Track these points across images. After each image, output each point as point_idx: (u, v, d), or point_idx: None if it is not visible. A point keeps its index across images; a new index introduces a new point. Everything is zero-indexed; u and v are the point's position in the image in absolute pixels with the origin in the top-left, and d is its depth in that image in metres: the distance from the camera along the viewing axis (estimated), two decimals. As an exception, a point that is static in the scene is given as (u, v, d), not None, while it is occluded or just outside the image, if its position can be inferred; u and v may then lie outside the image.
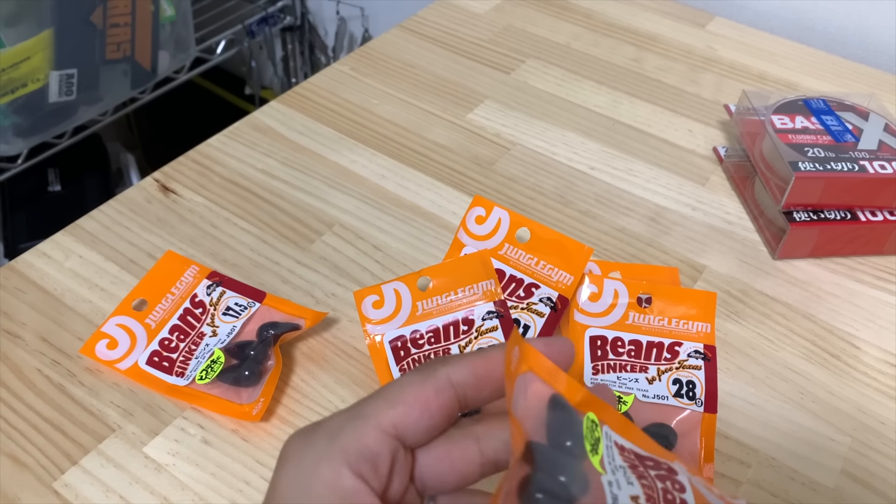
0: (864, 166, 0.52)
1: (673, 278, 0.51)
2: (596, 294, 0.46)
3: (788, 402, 0.45)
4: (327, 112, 0.65)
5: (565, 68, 0.70)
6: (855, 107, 0.57)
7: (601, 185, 0.59)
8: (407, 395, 0.26)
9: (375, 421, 0.25)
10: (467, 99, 0.66)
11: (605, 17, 0.77)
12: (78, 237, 0.53)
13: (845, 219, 0.52)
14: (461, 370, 0.26)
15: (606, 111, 0.66)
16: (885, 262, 0.54)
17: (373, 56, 0.71)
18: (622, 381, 0.43)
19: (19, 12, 0.80)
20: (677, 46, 0.73)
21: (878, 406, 0.45)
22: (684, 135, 0.64)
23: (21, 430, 0.42)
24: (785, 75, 0.70)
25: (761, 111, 0.57)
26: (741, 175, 0.59)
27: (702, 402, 0.42)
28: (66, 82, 0.88)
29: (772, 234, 0.54)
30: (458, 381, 0.26)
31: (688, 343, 0.44)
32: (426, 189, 0.58)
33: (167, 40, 0.97)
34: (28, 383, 0.45)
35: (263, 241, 0.53)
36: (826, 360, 0.47)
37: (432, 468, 0.27)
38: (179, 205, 0.56)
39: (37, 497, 0.40)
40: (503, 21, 0.76)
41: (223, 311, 0.47)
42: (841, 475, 0.42)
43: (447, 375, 0.26)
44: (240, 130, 0.62)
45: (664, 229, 0.55)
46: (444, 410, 0.26)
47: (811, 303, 0.51)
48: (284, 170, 0.59)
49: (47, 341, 0.47)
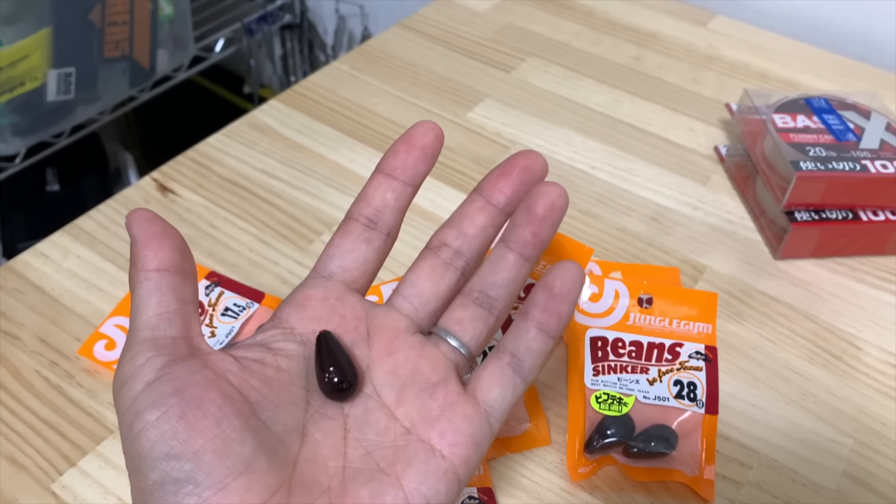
0: (866, 166, 0.52)
1: (674, 279, 0.50)
2: (597, 294, 0.46)
3: (790, 403, 0.45)
4: (327, 111, 0.64)
5: (566, 67, 0.70)
6: (857, 106, 0.57)
7: (602, 185, 0.58)
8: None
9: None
10: (467, 98, 0.66)
11: (606, 16, 0.77)
12: (76, 237, 0.53)
13: (847, 219, 0.52)
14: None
15: (607, 110, 0.65)
16: (886, 262, 0.54)
17: (372, 54, 0.71)
18: (623, 382, 0.43)
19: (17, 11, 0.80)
20: (678, 45, 0.73)
21: (880, 407, 0.45)
22: (685, 134, 0.64)
23: (19, 432, 0.42)
24: (786, 74, 0.70)
25: (763, 110, 0.57)
26: (742, 174, 0.58)
27: (703, 404, 0.42)
28: (64, 81, 0.87)
29: (773, 234, 0.54)
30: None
31: (689, 344, 0.44)
32: (426, 189, 0.57)
33: (166, 39, 0.97)
34: (26, 384, 0.44)
35: (262, 241, 0.53)
36: (828, 360, 0.47)
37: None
38: (178, 204, 0.56)
39: (35, 499, 0.39)
40: (503, 19, 0.76)
41: (222, 312, 0.47)
42: (842, 477, 0.42)
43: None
44: (238, 129, 0.62)
45: (665, 229, 0.55)
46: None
47: (813, 303, 0.50)
48: (283, 169, 0.59)
49: (45, 342, 0.46)
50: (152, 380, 0.25)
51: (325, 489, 0.26)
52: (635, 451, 0.40)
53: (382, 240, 0.31)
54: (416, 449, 0.27)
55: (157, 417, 0.25)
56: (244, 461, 0.25)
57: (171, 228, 0.28)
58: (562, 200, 0.30)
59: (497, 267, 0.30)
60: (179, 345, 0.27)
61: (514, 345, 0.29)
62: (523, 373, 0.29)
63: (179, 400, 0.25)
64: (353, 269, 0.31)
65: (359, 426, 0.28)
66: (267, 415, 0.27)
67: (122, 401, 0.26)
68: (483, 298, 0.30)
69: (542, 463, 0.42)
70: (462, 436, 0.28)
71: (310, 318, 0.30)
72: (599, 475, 0.41)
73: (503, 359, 0.29)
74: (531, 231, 0.30)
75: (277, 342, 0.29)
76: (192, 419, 0.25)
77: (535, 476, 0.41)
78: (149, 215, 0.28)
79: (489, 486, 0.40)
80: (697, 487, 0.40)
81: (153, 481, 0.24)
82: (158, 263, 0.27)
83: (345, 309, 0.30)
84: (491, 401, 0.29)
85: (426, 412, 0.28)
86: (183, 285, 0.28)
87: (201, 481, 0.24)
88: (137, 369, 0.26)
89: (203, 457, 0.24)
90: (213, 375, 0.26)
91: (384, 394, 0.29)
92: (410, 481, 0.27)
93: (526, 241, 0.30)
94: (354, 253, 0.31)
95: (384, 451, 0.27)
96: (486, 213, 0.31)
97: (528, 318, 0.29)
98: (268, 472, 0.25)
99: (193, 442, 0.24)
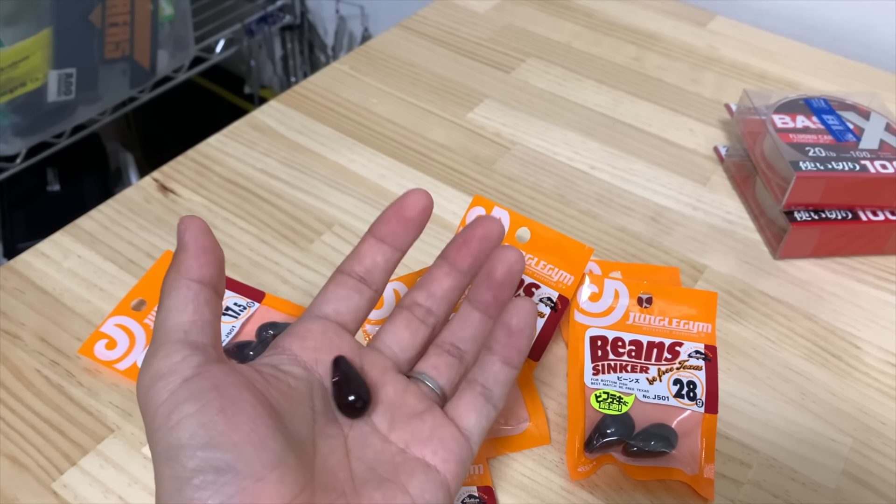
0: (866, 166, 0.52)
1: (674, 278, 0.50)
2: (596, 294, 0.46)
3: (789, 402, 0.45)
4: (327, 111, 0.64)
5: (566, 67, 0.70)
6: (856, 106, 0.57)
7: (602, 185, 0.59)
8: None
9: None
10: (467, 98, 0.66)
11: (606, 16, 0.77)
12: (77, 237, 0.53)
13: (846, 218, 0.52)
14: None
15: (607, 110, 0.66)
16: (886, 262, 0.54)
17: (372, 55, 0.71)
18: (623, 381, 0.43)
19: (18, 11, 0.80)
20: (678, 45, 0.73)
21: (880, 406, 0.45)
22: (685, 134, 0.64)
23: (20, 431, 0.42)
24: (786, 74, 0.70)
25: (762, 110, 0.57)
26: (742, 174, 0.58)
27: (702, 403, 0.42)
28: (64, 81, 0.88)
29: (773, 234, 0.54)
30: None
31: (688, 343, 0.44)
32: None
33: (166, 39, 0.97)
34: (27, 384, 0.44)
35: (262, 241, 0.53)
36: (827, 360, 0.47)
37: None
38: (178, 204, 0.56)
39: (35, 498, 0.40)
40: (503, 20, 0.76)
41: (222, 311, 0.47)
42: (842, 476, 0.42)
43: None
44: (239, 130, 0.62)
45: (665, 229, 0.55)
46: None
47: (812, 303, 0.51)
48: (284, 169, 0.59)
49: (46, 341, 0.47)
50: (190, 376, 0.27)
51: (340, 492, 0.28)
52: (635, 449, 0.40)
53: (371, 294, 0.35)
54: (414, 464, 0.30)
55: (198, 409, 0.26)
56: (278, 456, 0.26)
57: (219, 248, 0.31)
58: (518, 265, 0.34)
59: (465, 324, 0.35)
60: (210, 350, 0.29)
61: (483, 377, 0.33)
62: (493, 401, 0.33)
63: (218, 395, 0.27)
64: (345, 313, 0.34)
65: (358, 447, 0.31)
66: (287, 423, 0.28)
67: (157, 394, 0.27)
68: (454, 350, 0.35)
69: (542, 462, 0.42)
70: (452, 453, 0.31)
71: (311, 347, 0.32)
72: (599, 474, 0.41)
73: (475, 388, 0.33)
74: (492, 294, 0.34)
75: (285, 365, 0.31)
76: (231, 413, 0.26)
77: (535, 475, 0.41)
78: (203, 228, 0.30)
79: (489, 484, 0.40)
80: (697, 486, 0.40)
81: (191, 469, 0.25)
82: (201, 276, 0.29)
83: (341, 343, 0.33)
84: (470, 426, 0.32)
85: (418, 434, 0.31)
86: (215, 302, 0.30)
87: (241, 470, 0.25)
88: (175, 365, 0.27)
89: (242, 448, 0.26)
90: (243, 379, 0.28)
91: (377, 421, 0.32)
92: (414, 489, 0.29)
93: (488, 302, 0.35)
94: (348, 301, 0.34)
95: (385, 465, 0.30)
96: (451, 277, 0.35)
97: (492, 353, 0.33)
98: (297, 469, 0.27)
99: (232, 434, 0.26)
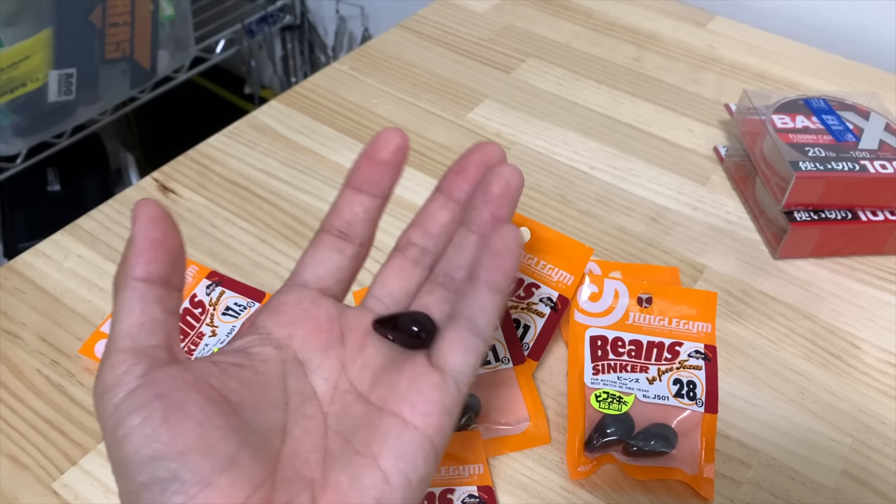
0: (865, 166, 0.52)
1: (673, 278, 0.50)
2: (596, 294, 0.46)
3: (789, 402, 0.45)
4: (327, 111, 0.64)
5: (566, 67, 0.70)
6: (856, 106, 0.57)
7: (601, 185, 0.59)
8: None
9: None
10: (467, 98, 0.66)
11: (606, 17, 0.77)
12: (77, 237, 0.53)
13: (846, 218, 0.52)
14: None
15: (607, 111, 0.66)
16: (885, 261, 0.54)
17: (372, 55, 0.71)
18: (622, 381, 0.43)
19: (19, 12, 0.80)
20: (678, 46, 0.73)
21: (879, 406, 0.45)
22: (685, 134, 0.64)
23: (20, 431, 0.42)
24: (786, 74, 0.70)
25: (762, 110, 0.57)
26: (742, 175, 0.59)
27: (702, 403, 0.42)
28: (65, 82, 0.88)
29: (773, 234, 0.54)
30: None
31: (688, 343, 0.44)
32: (426, 189, 0.57)
33: (166, 39, 0.97)
34: (27, 383, 0.44)
35: (263, 241, 0.53)
36: (827, 360, 0.47)
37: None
38: (179, 204, 0.56)
39: (36, 497, 0.40)
40: (503, 20, 0.76)
41: (222, 311, 0.47)
42: (841, 475, 0.42)
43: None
44: (239, 130, 0.62)
45: (664, 229, 0.55)
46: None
47: (812, 303, 0.51)
48: (284, 169, 0.59)
49: (46, 341, 0.47)
50: (134, 387, 0.26)
51: (308, 481, 0.27)
52: (635, 449, 0.40)
53: (355, 249, 0.32)
54: (388, 425, 0.28)
55: (141, 422, 0.25)
56: (228, 458, 0.25)
57: (172, 236, 0.28)
58: (516, 179, 0.30)
59: (460, 250, 0.31)
60: (160, 353, 0.27)
61: (468, 308, 0.29)
62: (480, 333, 0.29)
63: (161, 404, 0.25)
64: (326, 277, 0.31)
65: (338, 420, 0.29)
66: (248, 415, 0.27)
67: (105, 408, 0.26)
68: (448, 281, 0.31)
69: (542, 461, 0.42)
70: (433, 405, 0.28)
71: (284, 322, 0.30)
72: (599, 473, 0.41)
73: (459, 323, 0.29)
74: (489, 211, 0.30)
75: (254, 347, 0.29)
76: (175, 421, 0.25)
77: (536, 474, 0.41)
78: (154, 215, 0.28)
79: (489, 484, 0.40)
80: (697, 486, 0.40)
81: (140, 483, 0.24)
82: (147, 274, 0.27)
83: (318, 312, 0.31)
84: (455, 365, 0.29)
85: (395, 388, 0.29)
86: (167, 298, 0.28)
87: (187, 479, 0.24)
88: (119, 377, 0.26)
89: (187, 456, 0.24)
90: (193, 379, 0.27)
91: (359, 386, 0.29)
92: (387, 459, 0.27)
93: (486, 221, 0.30)
94: (327, 262, 0.31)
95: (360, 433, 0.28)
96: (448, 209, 0.32)
97: (476, 280, 0.29)
98: (252, 468, 0.25)
99: (177, 443, 0.25)
